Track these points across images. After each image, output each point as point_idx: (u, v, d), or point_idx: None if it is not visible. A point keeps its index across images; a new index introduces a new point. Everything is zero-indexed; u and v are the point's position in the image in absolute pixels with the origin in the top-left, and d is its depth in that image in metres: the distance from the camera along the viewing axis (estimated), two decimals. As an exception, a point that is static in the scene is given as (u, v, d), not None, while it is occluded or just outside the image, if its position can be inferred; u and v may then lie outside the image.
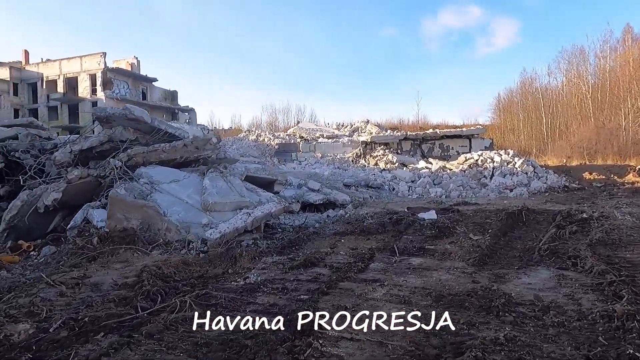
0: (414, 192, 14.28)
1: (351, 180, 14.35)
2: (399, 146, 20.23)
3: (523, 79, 47.40)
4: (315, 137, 21.20)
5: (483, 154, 17.16)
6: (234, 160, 11.31)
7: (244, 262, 5.42)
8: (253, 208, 7.23)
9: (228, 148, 19.12)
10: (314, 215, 9.59)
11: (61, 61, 39.05)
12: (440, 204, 10.50)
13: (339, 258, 5.77)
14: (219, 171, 8.09)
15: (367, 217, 8.43)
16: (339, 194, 11.15)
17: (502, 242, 6.24)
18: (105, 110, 8.01)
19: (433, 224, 7.56)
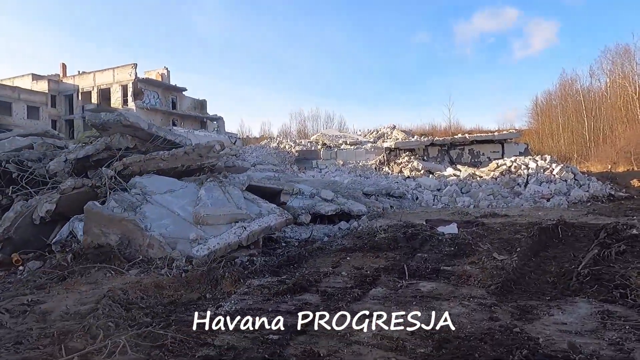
0: (439, 201, 13.28)
1: (372, 189, 13.51)
2: (425, 152, 19.17)
3: (562, 81, 45.04)
4: (338, 144, 20.48)
5: (517, 159, 15.90)
6: (243, 168, 10.76)
7: (225, 285, 4.76)
8: (250, 221, 6.58)
9: (248, 156, 18.74)
10: (324, 228, 8.85)
11: (95, 73, 40.33)
12: (466, 215, 9.51)
13: (337, 281, 5.01)
14: (218, 180, 7.52)
15: (380, 230, 7.61)
16: (354, 204, 10.37)
17: (533, 264, 5.29)
18: (99, 117, 7.63)
19: (453, 239, 6.67)
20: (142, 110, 38.49)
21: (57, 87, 41.61)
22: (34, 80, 41.37)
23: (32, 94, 39.45)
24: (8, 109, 37.09)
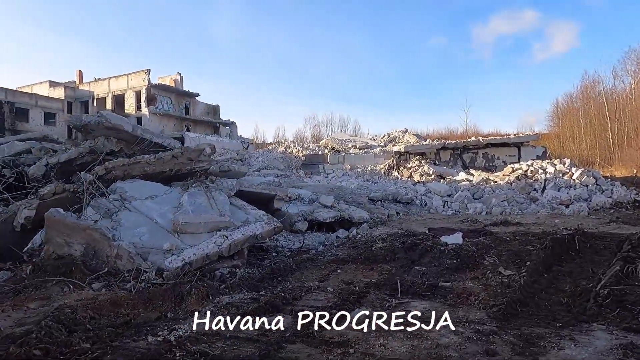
0: (449, 207, 12.57)
1: (378, 195, 12.90)
2: (436, 156, 18.39)
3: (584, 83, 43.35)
4: (347, 148, 19.89)
5: (533, 163, 15.05)
6: (241, 173, 10.30)
7: (191, 302, 4.25)
8: (234, 229, 6.08)
9: (254, 160, 18.32)
10: (321, 236, 8.29)
11: (110, 79, 40.78)
12: (475, 223, 8.82)
13: (319, 298, 4.45)
14: (204, 185, 7.05)
15: (378, 239, 7.01)
16: (355, 211, 9.78)
17: (544, 281, 4.62)
18: (79, 119, 7.28)
19: (456, 250, 6.03)
20: (155, 116, 38.71)
21: (74, 94, 42.21)
22: (51, 87, 42.08)
23: (49, 101, 40.09)
24: (25, 115, 37.73)
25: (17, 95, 37.63)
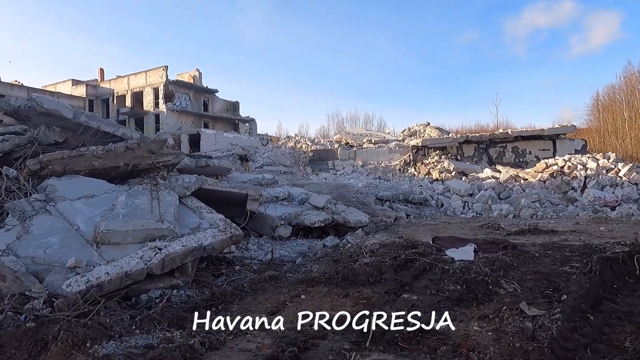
0: (469, 209, 10.88)
1: (387, 194, 11.34)
2: (459, 151, 16.55)
3: (627, 74, 39.78)
4: (361, 143, 18.32)
5: (571, 158, 13.06)
6: (224, 168, 9.00)
7: (55, 352, 2.93)
8: (174, 239, 4.75)
9: (259, 157, 17.08)
10: (304, 245, 6.87)
11: (129, 77, 40.62)
12: (496, 229, 7.17)
13: (247, 348, 3.05)
14: (153, 182, 5.77)
15: (367, 251, 5.53)
16: (353, 213, 8.30)
17: (589, 331, 3.04)
18: (8, 103, 6.15)
19: (464, 271, 4.48)
20: (172, 113, 38.24)
21: (95, 92, 42.37)
22: (73, 85, 42.39)
23: (70, 99, 40.26)
24: (47, 113, 38.06)
25: (38, 94, 37.98)
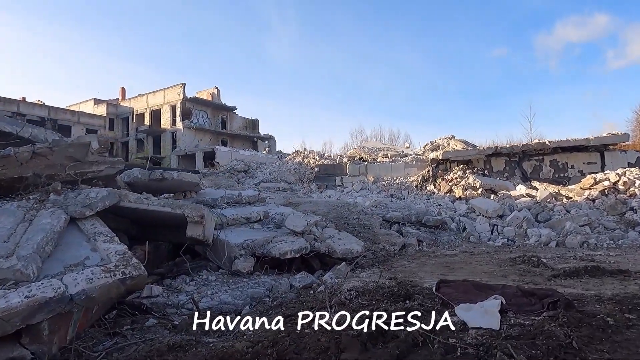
0: (499, 234, 8.77)
1: (397, 214, 9.39)
2: (486, 165, 14.37)
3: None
4: (376, 157, 16.44)
5: (626, 173, 10.73)
6: (190, 183, 7.35)
7: None
8: (20, 284, 3.05)
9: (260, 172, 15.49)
10: (266, 284, 5.03)
11: (148, 95, 40.48)
12: (534, 265, 5.12)
13: None
14: (37, 200, 4.14)
15: (336, 303, 3.64)
16: (343, 240, 6.43)
17: None
18: None
19: (482, 351, 2.52)
20: (189, 130, 37.57)
21: (116, 111, 42.49)
22: (95, 104, 42.68)
23: (91, 118, 40.49)
24: (67, 132, 38.13)
25: (59, 113, 38.23)
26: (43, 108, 36.85)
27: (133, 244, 5.62)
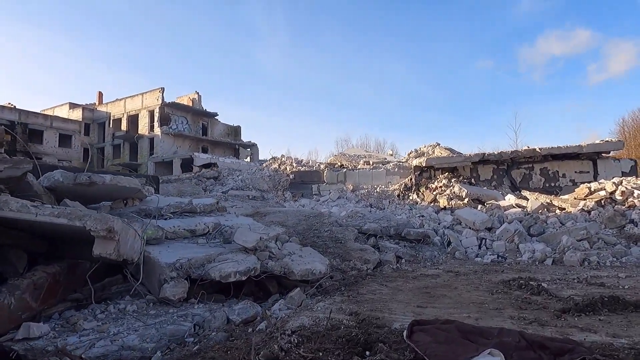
0: (488, 249, 7.82)
1: (375, 226, 8.37)
2: (473, 173, 13.51)
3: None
4: (356, 165, 15.48)
5: (623, 182, 9.91)
6: (128, 189, 6.23)
7: None
8: None
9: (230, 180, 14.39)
10: (197, 316, 3.92)
11: (126, 99, 39.05)
12: (534, 293, 4.13)
13: None
14: None
15: (265, 357, 2.56)
16: (303, 259, 5.37)
17: None
18: None
19: None
20: (167, 136, 36.25)
21: (92, 115, 40.93)
22: (70, 108, 41.05)
23: (65, 122, 38.73)
24: (40, 137, 36.40)
25: (31, 117, 36.44)
26: (13, 111, 35.05)
27: (41, 262, 4.49)
